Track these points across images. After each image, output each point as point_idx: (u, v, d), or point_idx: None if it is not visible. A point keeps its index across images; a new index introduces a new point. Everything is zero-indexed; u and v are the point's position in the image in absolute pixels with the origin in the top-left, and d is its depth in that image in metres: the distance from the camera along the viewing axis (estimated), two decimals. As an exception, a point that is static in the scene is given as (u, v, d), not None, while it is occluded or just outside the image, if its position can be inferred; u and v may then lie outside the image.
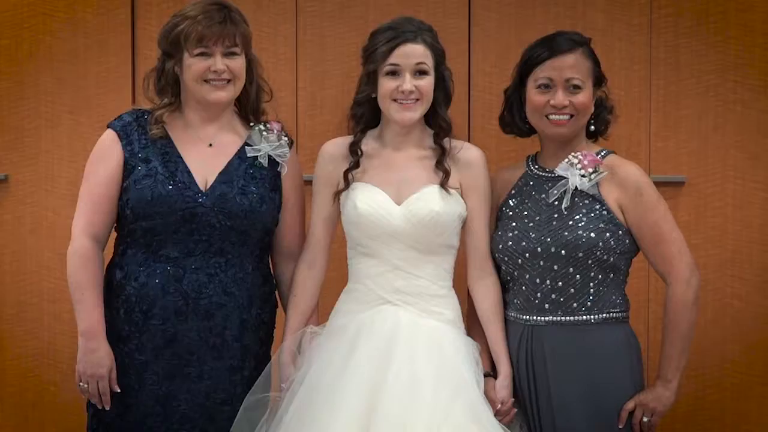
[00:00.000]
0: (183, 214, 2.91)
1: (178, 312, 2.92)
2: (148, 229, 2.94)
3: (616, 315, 2.91)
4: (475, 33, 3.86)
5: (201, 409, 2.95)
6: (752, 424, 3.81)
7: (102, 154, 2.99)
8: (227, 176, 2.99)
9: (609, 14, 3.82)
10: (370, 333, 2.91)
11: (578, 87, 2.90)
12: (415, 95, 2.92)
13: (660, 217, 2.88)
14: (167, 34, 2.95)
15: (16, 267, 4.02)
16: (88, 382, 2.90)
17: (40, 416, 4.00)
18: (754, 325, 3.80)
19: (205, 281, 2.94)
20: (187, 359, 2.94)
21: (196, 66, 2.93)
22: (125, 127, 3.00)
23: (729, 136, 3.78)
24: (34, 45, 3.98)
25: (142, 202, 2.92)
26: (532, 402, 2.94)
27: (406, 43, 2.94)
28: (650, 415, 2.88)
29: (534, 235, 2.91)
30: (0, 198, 4.01)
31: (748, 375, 3.79)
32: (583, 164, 2.87)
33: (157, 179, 2.94)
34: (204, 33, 2.92)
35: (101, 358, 2.89)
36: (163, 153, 2.98)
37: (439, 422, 2.74)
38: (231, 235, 2.95)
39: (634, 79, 3.78)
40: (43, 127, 3.98)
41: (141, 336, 2.94)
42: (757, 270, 3.79)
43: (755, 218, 3.78)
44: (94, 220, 2.94)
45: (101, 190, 2.94)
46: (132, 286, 2.94)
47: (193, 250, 2.94)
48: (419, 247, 2.94)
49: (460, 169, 2.99)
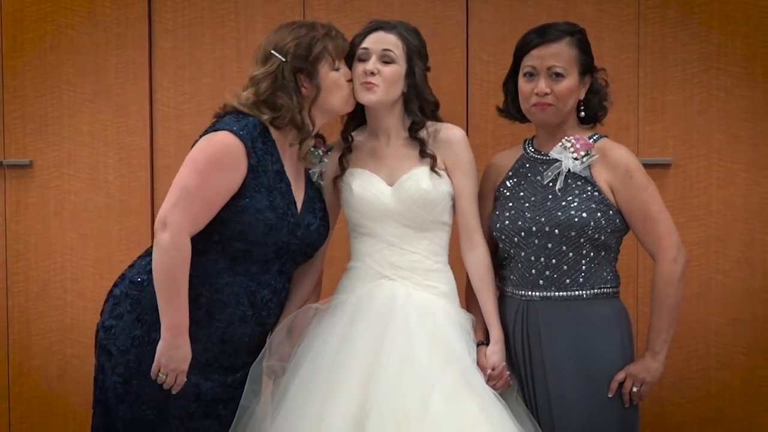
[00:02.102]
0: (282, 245, 2.87)
1: (242, 319, 2.90)
2: (245, 250, 2.87)
3: (606, 290, 2.93)
4: (473, 24, 3.85)
5: (226, 390, 2.95)
6: (736, 392, 3.83)
7: (229, 162, 2.81)
8: (310, 205, 2.96)
9: (598, 6, 3.82)
10: (368, 305, 2.95)
11: (560, 75, 2.90)
12: (374, 79, 2.92)
13: (649, 197, 2.90)
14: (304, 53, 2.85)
15: (41, 247, 4.05)
16: (167, 374, 2.83)
17: (64, 388, 4.04)
18: (737, 298, 3.82)
19: (270, 296, 2.93)
20: (230, 355, 2.94)
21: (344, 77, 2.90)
22: (254, 142, 2.84)
23: (713, 120, 3.80)
24: (57, 38, 4.00)
25: (257, 233, 2.83)
26: (527, 372, 2.96)
27: (378, 31, 2.96)
28: (639, 385, 2.90)
29: (529, 215, 2.93)
30: (25, 182, 4.03)
31: (732, 346, 3.82)
32: (576, 148, 2.89)
33: (277, 213, 2.85)
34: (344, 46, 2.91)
35: (185, 355, 2.82)
36: (279, 179, 2.88)
37: (431, 387, 2.78)
38: (303, 260, 2.99)
39: (623, 67, 3.78)
40: (65, 115, 4.02)
41: (198, 332, 2.88)
42: (739, 246, 3.81)
43: (738, 198, 3.80)
44: (199, 221, 2.79)
45: (216, 198, 2.80)
46: (206, 288, 2.87)
47: (269, 269, 2.91)
48: (412, 224, 2.97)
49: (441, 149, 2.99)
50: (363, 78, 2.93)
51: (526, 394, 2.98)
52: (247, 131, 2.81)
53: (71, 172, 4.01)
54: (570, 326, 2.91)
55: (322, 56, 2.85)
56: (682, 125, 3.82)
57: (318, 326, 3.00)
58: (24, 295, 4.07)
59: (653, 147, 3.82)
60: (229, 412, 2.95)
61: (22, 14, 4.02)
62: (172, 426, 2.91)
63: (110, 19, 3.99)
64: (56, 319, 4.05)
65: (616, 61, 3.77)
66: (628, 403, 2.91)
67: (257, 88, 2.86)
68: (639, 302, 3.77)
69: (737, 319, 3.82)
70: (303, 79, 2.86)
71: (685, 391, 3.85)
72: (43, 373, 4.07)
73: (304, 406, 2.84)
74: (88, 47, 4.00)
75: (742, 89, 3.79)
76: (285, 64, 2.83)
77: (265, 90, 2.85)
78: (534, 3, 3.86)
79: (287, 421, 2.86)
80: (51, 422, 4.09)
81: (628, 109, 3.80)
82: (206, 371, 2.91)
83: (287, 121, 2.85)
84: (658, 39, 3.81)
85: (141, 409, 2.88)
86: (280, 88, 2.85)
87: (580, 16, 3.73)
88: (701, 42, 3.80)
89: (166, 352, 2.80)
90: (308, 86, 2.87)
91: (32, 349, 4.07)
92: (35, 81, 4.02)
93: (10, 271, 4.07)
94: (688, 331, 3.79)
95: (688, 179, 3.82)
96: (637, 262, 3.78)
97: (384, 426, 2.75)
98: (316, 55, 2.85)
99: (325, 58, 2.86)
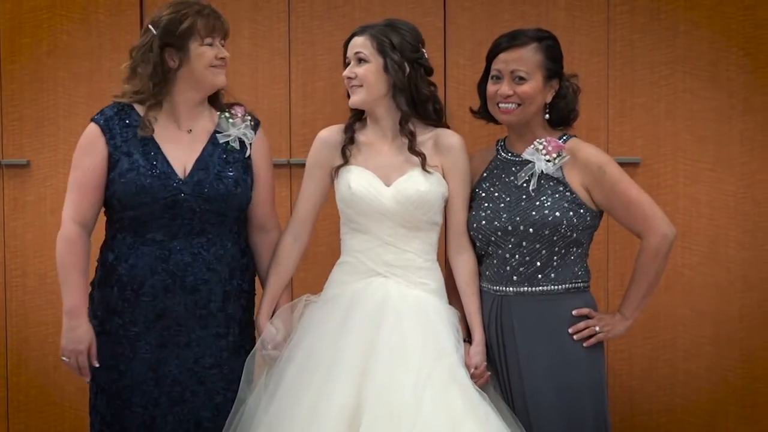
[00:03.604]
0: (165, 202, 2.93)
1: (166, 289, 2.96)
2: (135, 217, 2.95)
3: (578, 285, 2.98)
4: (450, 30, 3.85)
5: (190, 374, 3.00)
6: (702, 381, 3.85)
7: (87, 147, 2.98)
8: (203, 163, 2.99)
9: (570, 12, 3.84)
10: (362, 302, 2.96)
11: (523, 78, 2.92)
12: (355, 81, 2.98)
13: (625, 186, 2.91)
14: (173, 28, 2.93)
15: (37, 243, 4.05)
16: (69, 356, 2.93)
17: (59, 377, 4.04)
18: (702, 291, 3.84)
19: (189, 261, 2.97)
20: (176, 330, 2.98)
21: (207, 53, 2.95)
22: (108, 122, 2.98)
23: (679, 121, 3.81)
24: (53, 43, 4.00)
25: (127, 194, 2.93)
26: (502, 365, 3.01)
27: (353, 38, 3.03)
28: (599, 330, 2.94)
29: (505, 215, 2.97)
30: (23, 181, 4.04)
31: (697, 336, 3.85)
32: (548, 150, 2.92)
33: (140, 172, 2.93)
34: (214, 25, 2.96)
35: (81, 335, 2.92)
36: (144, 145, 2.97)
37: (423, 383, 2.80)
38: (210, 217, 2.98)
39: (594, 70, 3.80)
40: (61, 117, 4.02)
41: (134, 310, 2.97)
42: (705, 241, 3.82)
43: (703, 194, 3.82)
44: (81, 208, 2.96)
45: (87, 180, 2.96)
46: (123, 267, 2.97)
47: (177, 233, 2.97)
48: (407, 224, 2.99)
49: (442, 153, 3.02)
50: (347, 84, 3.01)
51: (501, 386, 3.02)
52: (101, 115, 2.99)
53: (66, 171, 3.46)
54: (542, 320, 2.95)
55: (190, 31, 2.93)
56: (650, 126, 3.83)
57: (311, 319, 3.03)
58: (21, 290, 4.08)
59: (623, 146, 3.83)
60: (203, 396, 3.02)
61: (20, 21, 4.02)
62: (136, 414, 3.01)
63: (104, 25, 4.00)
64: (52, 312, 4.03)
65: (587, 64, 3.78)
66: (584, 337, 2.93)
67: (131, 56, 3.00)
68: (609, 295, 3.80)
69: (702, 311, 3.85)
70: (171, 52, 2.95)
71: (654, 379, 3.88)
72: (40, 363, 4.07)
73: (299, 398, 2.87)
74: (83, 52, 4.01)
75: (707, 92, 3.80)
76: (155, 37, 2.94)
77: (134, 59, 2.98)
78: (509, 9, 3.86)
79: (282, 413, 2.88)
80: (48, 410, 4.09)
81: (599, 111, 3.81)
82: (160, 351, 2.98)
83: (145, 93, 2.96)
84: (627, 44, 3.83)
85: (106, 398, 3.03)
86: (143, 59, 2.96)
87: (553, 22, 3.77)
88: (668, 46, 3.81)
89: (65, 334, 2.94)
90: (174, 59, 2.96)
91: (29, 341, 4.08)
92: (32, 84, 4.03)
93: (8, 267, 4.07)
94: (656, 323, 3.82)
95: (655, 177, 3.82)
96: (608, 256, 3.81)
97: (378, 419, 2.77)
98: (184, 30, 2.93)
99: (193, 34, 2.93)
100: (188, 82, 2.99)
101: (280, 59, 3.98)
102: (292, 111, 3.98)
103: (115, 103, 3.03)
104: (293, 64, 3.98)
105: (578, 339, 2.93)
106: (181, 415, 3.00)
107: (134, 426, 3.00)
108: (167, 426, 3.00)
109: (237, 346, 3.07)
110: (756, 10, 3.78)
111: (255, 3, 3.97)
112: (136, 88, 2.98)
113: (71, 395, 4.06)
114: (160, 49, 2.93)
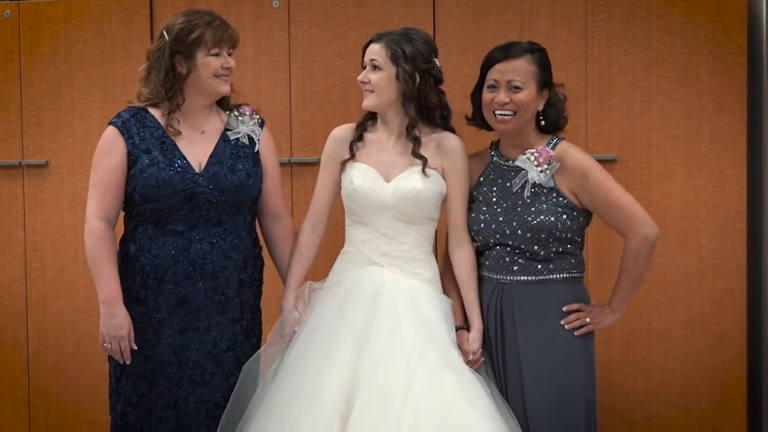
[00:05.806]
0: (184, 194, 3.00)
1: (188, 276, 3.03)
2: (156, 209, 3.01)
3: (574, 275, 3.07)
4: (439, 37, 3.86)
5: (209, 356, 3.07)
6: (676, 362, 3.91)
7: (107, 148, 3.04)
8: (217, 158, 3.07)
9: (551, 20, 3.89)
10: (359, 289, 3.03)
11: (518, 88, 2.96)
12: (368, 86, 3.04)
13: (608, 189, 2.96)
14: (183, 37, 2.98)
15: (56, 238, 4.16)
16: (110, 342, 3.00)
17: (78, 363, 4.17)
18: (675, 278, 3.90)
19: (208, 249, 3.03)
20: (196, 315, 3.05)
21: (213, 63, 3.02)
22: (125, 123, 3.03)
23: (653, 120, 3.87)
24: (69, 51, 4.11)
25: (148, 188, 2.99)
26: (498, 348, 3.07)
27: (371, 44, 3.08)
28: (589, 322, 3.01)
29: (502, 219, 3.02)
30: (42, 180, 4.12)
31: (671, 321, 3.92)
32: (539, 161, 2.96)
33: (160, 167, 2.99)
34: (222, 36, 3.02)
35: (121, 322, 2.98)
36: (161, 143, 3.03)
37: (415, 364, 2.87)
38: (225, 207, 3.05)
39: (573, 74, 3.85)
40: (77, 120, 4.12)
41: (156, 298, 3.03)
42: (677, 232, 3.87)
43: (675, 189, 3.87)
44: (104, 204, 3.01)
45: (109, 179, 3.02)
46: (146, 257, 3.03)
47: (195, 224, 3.03)
48: (403, 218, 3.05)
49: (443, 155, 3.07)
50: (363, 87, 3.07)
51: (494, 368, 3.08)
52: (119, 118, 3.06)
53: (83, 171, 4.08)
54: (540, 302, 3.02)
55: (198, 42, 3.00)
56: (626, 125, 3.89)
57: (314, 304, 3.10)
58: (41, 281, 4.17)
59: (600, 144, 3.89)
60: (221, 379, 3.08)
61: (39, 31, 4.11)
62: (161, 395, 3.07)
63: (116, 35, 4.08)
64: (70, 302, 4.14)
65: (567, 68, 3.82)
66: (574, 327, 2.99)
67: (147, 58, 3.07)
68: (589, 284, 3.56)
69: (676, 297, 3.91)
70: (180, 59, 3.01)
71: (631, 361, 3.93)
72: (59, 350, 4.18)
73: (300, 378, 2.94)
74: (97, 60, 4.10)
75: (679, 93, 3.85)
76: (166, 44, 3.02)
77: (149, 62, 3.05)
78: (494, 18, 3.91)
79: (283, 390, 2.96)
80: (65, 394, 4.18)
81: (578, 111, 3.85)
82: (182, 336, 3.04)
83: (158, 98, 3.03)
84: (604, 49, 3.88)
85: (131, 381, 3.09)
86: (156, 64, 3.03)
87: (535, 29, 3.86)
88: (642, 51, 3.86)
89: (104, 323, 2.99)
90: (183, 66, 3.03)
91: (49, 329, 4.18)
92: (50, 90, 4.12)
93: (28, 260, 4.17)
94: (633, 309, 3.75)
95: (631, 173, 3.86)
96: (588, 248, 3.70)
97: (371, 399, 2.83)
98: (192, 40, 2.99)
99: (201, 44, 3.00)
100: (196, 88, 3.06)
101: (281, 65, 4.04)
102: (292, 113, 4.04)
103: (130, 107, 3.11)
104: (293, 70, 4.04)
105: (569, 329, 3.00)
106: (201, 396, 3.08)
107: (159, 406, 3.08)
108: (189, 407, 3.08)
109: (248, 330, 3.17)
110: (724, 17, 3.82)
111: (258, 14, 4.03)
112: (150, 92, 3.06)
113: (88, 380, 4.16)
114: (170, 56, 3.01)
